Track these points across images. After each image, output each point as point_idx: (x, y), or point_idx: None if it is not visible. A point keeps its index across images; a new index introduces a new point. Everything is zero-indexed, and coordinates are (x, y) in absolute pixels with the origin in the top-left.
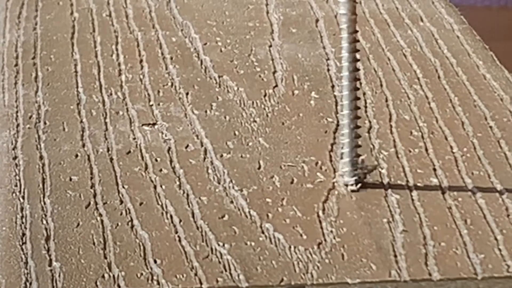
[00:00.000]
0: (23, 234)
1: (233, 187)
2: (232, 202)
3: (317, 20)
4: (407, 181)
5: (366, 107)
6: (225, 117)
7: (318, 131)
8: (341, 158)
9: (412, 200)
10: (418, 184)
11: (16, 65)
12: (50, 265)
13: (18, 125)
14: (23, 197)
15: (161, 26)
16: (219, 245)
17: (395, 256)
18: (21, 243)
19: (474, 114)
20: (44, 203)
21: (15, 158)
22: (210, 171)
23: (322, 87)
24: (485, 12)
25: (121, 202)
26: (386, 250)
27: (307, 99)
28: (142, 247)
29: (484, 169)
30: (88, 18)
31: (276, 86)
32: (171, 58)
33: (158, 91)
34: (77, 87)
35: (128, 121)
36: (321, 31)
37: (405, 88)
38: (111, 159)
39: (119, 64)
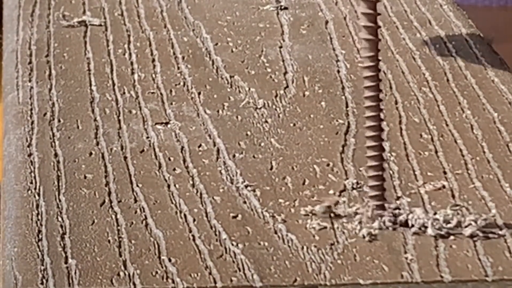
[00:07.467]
0: (39, 231)
1: (246, 187)
2: (245, 202)
3: (326, 22)
4: (417, 183)
5: None
6: (237, 117)
7: (329, 132)
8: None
9: (423, 202)
10: (429, 187)
11: (30, 62)
12: (66, 262)
13: (32, 122)
14: (38, 194)
15: (172, 26)
16: (232, 244)
17: (407, 257)
18: (37, 240)
19: (483, 117)
20: (59, 201)
21: (30, 155)
22: (223, 171)
23: (332, 89)
24: (485, 12)
25: (136, 200)
26: (398, 251)
27: (317, 100)
28: (156, 246)
29: (494, 172)
30: (100, 17)
31: (287, 87)
32: (183, 58)
33: (171, 91)
34: (91, 85)
35: (141, 120)
36: (330, 33)
37: (414, 90)
38: (125, 158)
39: (131, 63)
